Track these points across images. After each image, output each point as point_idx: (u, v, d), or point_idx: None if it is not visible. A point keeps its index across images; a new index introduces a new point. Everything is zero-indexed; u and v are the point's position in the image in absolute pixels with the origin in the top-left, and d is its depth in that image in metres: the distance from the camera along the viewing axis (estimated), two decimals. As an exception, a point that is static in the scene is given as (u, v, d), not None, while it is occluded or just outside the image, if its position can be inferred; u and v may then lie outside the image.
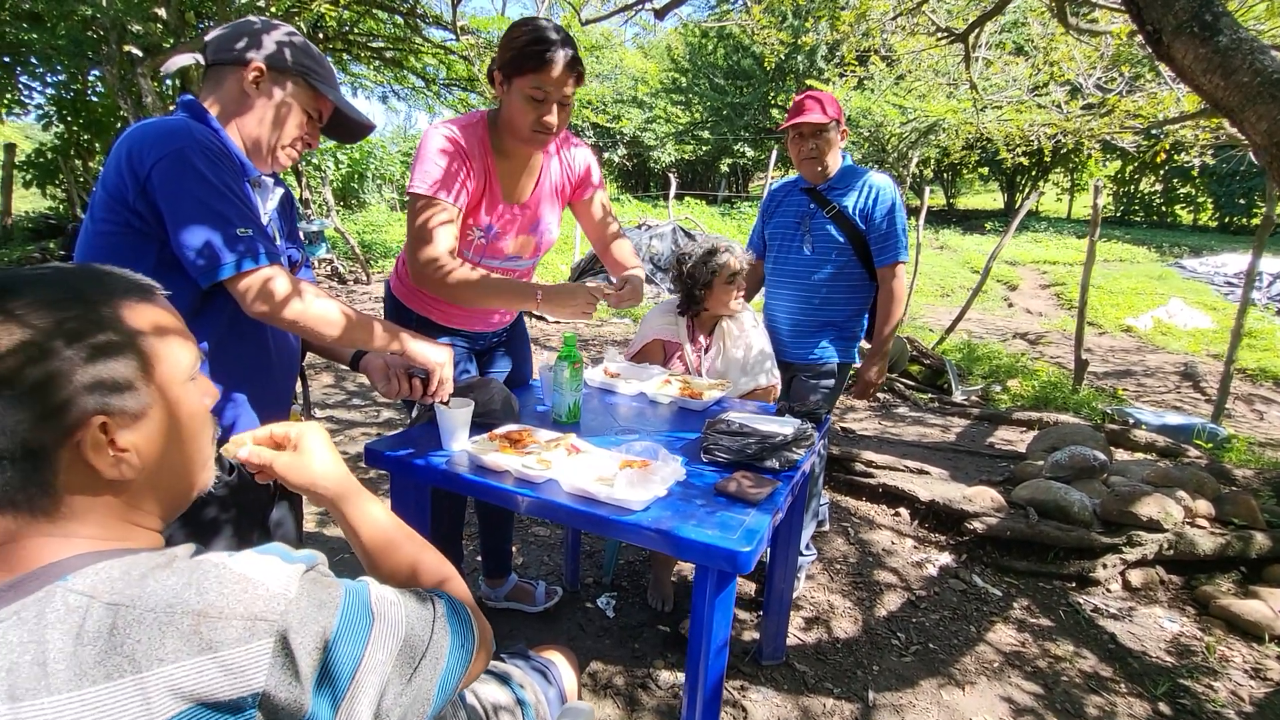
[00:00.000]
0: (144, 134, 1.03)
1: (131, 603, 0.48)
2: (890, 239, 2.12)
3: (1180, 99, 4.55)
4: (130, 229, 1.03)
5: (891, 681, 1.88)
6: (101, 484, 0.54)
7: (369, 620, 0.56)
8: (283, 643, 0.50)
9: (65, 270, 0.56)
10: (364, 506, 0.75)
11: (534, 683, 0.99)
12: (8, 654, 0.45)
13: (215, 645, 0.48)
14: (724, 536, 1.05)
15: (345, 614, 0.55)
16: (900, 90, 10.87)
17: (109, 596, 0.48)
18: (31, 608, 0.47)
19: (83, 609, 0.47)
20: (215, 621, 0.48)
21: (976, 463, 3.45)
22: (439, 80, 9.54)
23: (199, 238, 1.00)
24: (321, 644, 0.52)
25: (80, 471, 0.52)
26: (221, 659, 0.47)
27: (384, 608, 0.59)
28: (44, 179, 9.78)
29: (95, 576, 0.49)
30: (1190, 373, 6.23)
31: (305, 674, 0.51)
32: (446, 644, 0.62)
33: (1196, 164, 5.63)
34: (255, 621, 0.49)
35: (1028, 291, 11.00)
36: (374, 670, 0.55)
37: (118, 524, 0.56)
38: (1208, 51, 1.46)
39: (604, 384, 1.89)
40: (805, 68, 17.22)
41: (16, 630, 0.46)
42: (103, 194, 1.05)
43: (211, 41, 1.13)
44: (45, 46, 6.65)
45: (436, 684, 0.60)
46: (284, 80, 1.14)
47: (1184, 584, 2.44)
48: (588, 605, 2.13)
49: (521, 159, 1.58)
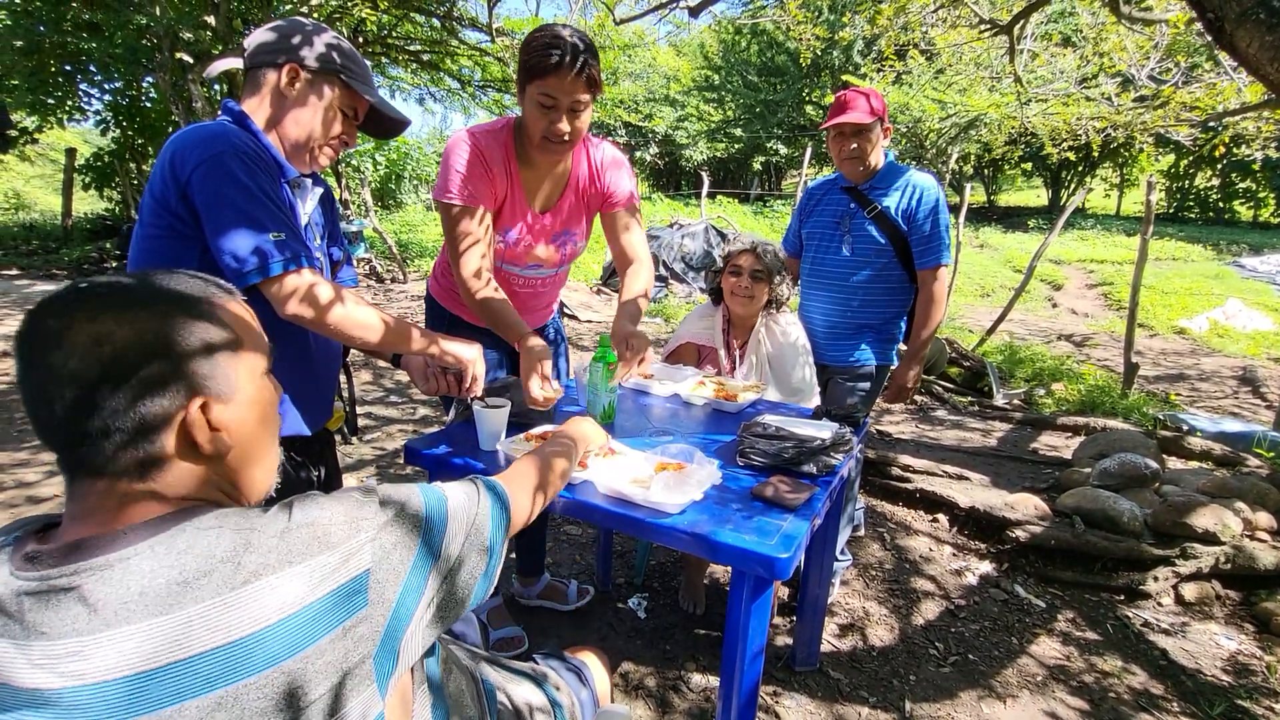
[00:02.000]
0: (186, 140, 1.06)
1: (252, 528, 0.57)
2: (933, 241, 2.07)
3: (1242, 89, 4.33)
4: (174, 233, 1.07)
5: (929, 692, 1.83)
6: (200, 458, 0.61)
7: (443, 501, 0.70)
8: (380, 531, 0.62)
9: (157, 274, 0.63)
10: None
11: (568, 684, 0.99)
12: (141, 580, 0.52)
13: (330, 544, 0.58)
14: (761, 542, 1.04)
15: (425, 500, 0.68)
16: (940, 85, 10.59)
17: (234, 526, 0.57)
18: (164, 543, 0.54)
19: (213, 535, 0.56)
20: (326, 527, 0.59)
21: (1019, 469, 3.34)
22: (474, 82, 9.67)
23: (233, 242, 1.03)
24: (412, 523, 0.65)
25: (183, 446, 0.59)
26: (338, 551, 0.58)
27: (448, 490, 0.73)
28: (101, 182, 10.24)
29: (219, 516, 0.58)
30: (1249, 377, 5.93)
31: (401, 552, 0.62)
32: (490, 505, 0.77)
33: (1259, 157, 5.36)
34: (357, 521, 0.61)
35: (1073, 291, 10.62)
36: (454, 536, 0.69)
37: (214, 492, 0.63)
38: (1275, 39, 1.38)
39: (638, 385, 1.88)
40: (841, 63, 16.92)
41: (151, 560, 0.53)
42: (149, 199, 1.09)
43: (250, 45, 1.16)
44: (103, 55, 6.94)
45: (488, 536, 0.75)
46: (319, 81, 1.16)
47: (1242, 600, 2.32)
48: (619, 606, 2.13)
49: (546, 167, 1.55)
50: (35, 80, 7.58)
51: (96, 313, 0.56)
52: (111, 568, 0.52)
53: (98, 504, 0.57)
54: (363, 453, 3.30)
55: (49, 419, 0.56)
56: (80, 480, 0.57)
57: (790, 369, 2.02)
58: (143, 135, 9.63)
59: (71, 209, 9.83)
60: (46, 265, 8.26)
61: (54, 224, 10.54)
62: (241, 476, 0.65)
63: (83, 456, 0.56)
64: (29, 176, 15.16)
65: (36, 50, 7.18)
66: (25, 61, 7.25)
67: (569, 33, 1.36)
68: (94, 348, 0.54)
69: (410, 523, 0.65)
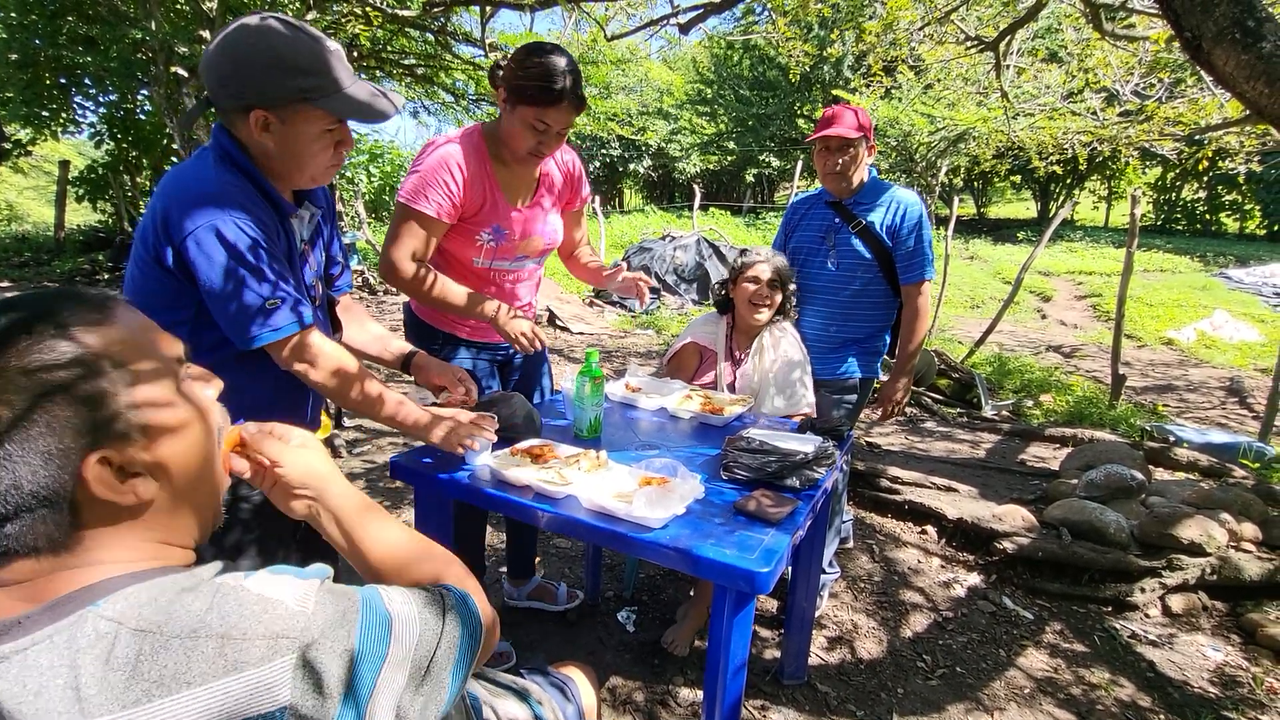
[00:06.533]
0: (179, 196, 1.04)
1: (158, 629, 0.49)
2: (917, 256, 2.10)
3: (1224, 105, 4.41)
4: (166, 286, 1.08)
5: (917, 705, 1.83)
6: (121, 512, 0.54)
7: (387, 624, 0.57)
8: (304, 658, 0.51)
9: (20, 299, 0.55)
10: (378, 522, 0.73)
11: (552, 699, 0.99)
12: (38, 677, 0.47)
13: (240, 665, 0.49)
14: (742, 556, 1.04)
15: (364, 622, 0.56)
16: (928, 99, 10.74)
17: (136, 623, 0.49)
18: (64, 632, 0.49)
19: (112, 635, 0.48)
20: (239, 643, 0.49)
21: (1007, 480, 3.36)
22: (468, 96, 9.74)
23: (231, 312, 1.06)
24: (343, 653, 0.53)
25: (96, 506, 0.53)
26: (246, 678, 0.49)
27: (397, 608, 0.60)
28: (95, 194, 10.24)
29: (125, 602, 0.50)
30: (1237, 388, 5.99)
31: (329, 686, 0.52)
32: (458, 635, 0.64)
33: (1242, 170, 5.44)
34: (277, 639, 0.51)
35: (1062, 303, 10.72)
36: (394, 671, 0.56)
37: (146, 545, 0.57)
38: (1250, 58, 1.41)
39: (625, 398, 1.89)
40: (831, 78, 17.14)
41: (48, 655, 0.48)
42: (142, 250, 1.08)
43: (206, 81, 1.08)
44: (99, 68, 6.98)
45: (450, 673, 0.62)
46: (290, 113, 1.07)
47: (1228, 611, 2.34)
48: (608, 619, 2.13)
49: (521, 169, 1.66)
50: (30, 93, 7.60)
51: None
52: (8, 660, 0.48)
53: (4, 579, 0.52)
54: (352, 466, 3.29)
55: None
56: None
57: (789, 377, 2.04)
58: (136, 148, 9.66)
59: (64, 221, 9.82)
60: (38, 277, 8.24)
61: (46, 236, 10.52)
62: (189, 503, 0.59)
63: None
64: (21, 188, 15.13)
65: (32, 63, 7.20)
66: (20, 74, 7.28)
67: (565, 63, 1.44)
68: None
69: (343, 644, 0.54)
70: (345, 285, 1.47)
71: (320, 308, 1.33)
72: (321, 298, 1.35)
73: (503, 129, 1.55)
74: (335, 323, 1.45)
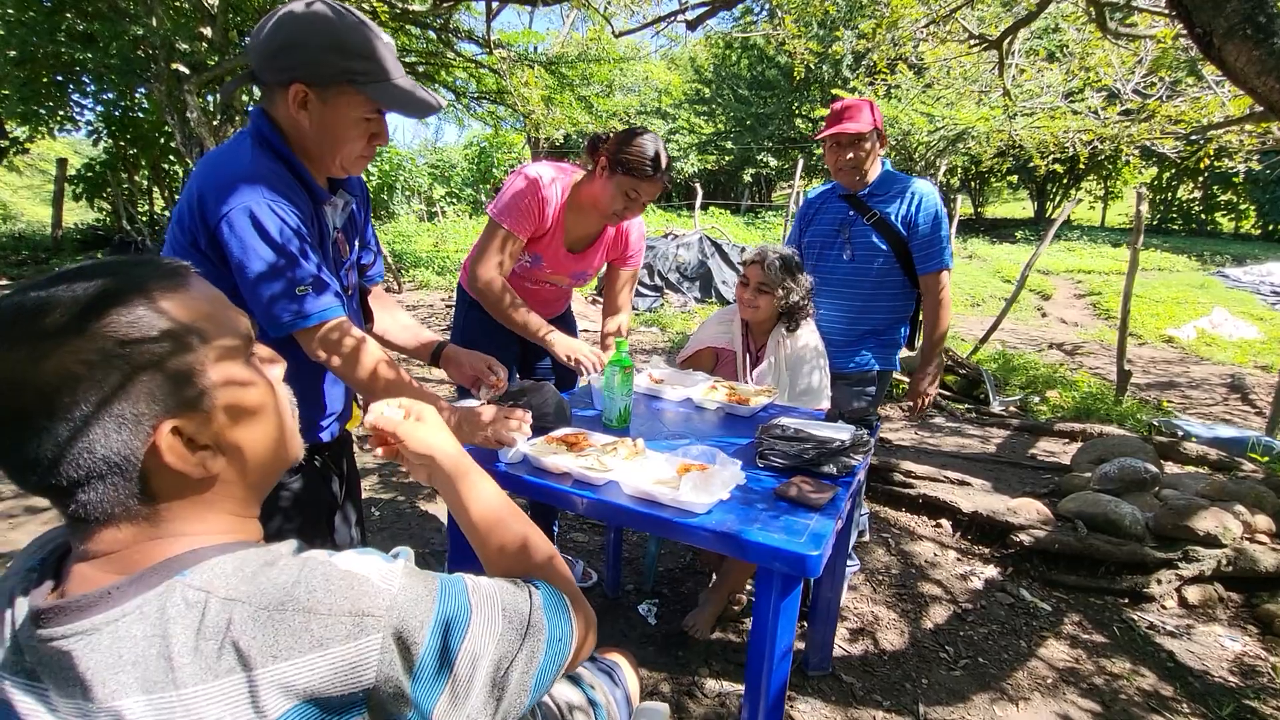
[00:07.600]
0: (215, 178, 1.03)
1: (246, 599, 0.49)
2: (935, 246, 2.10)
3: (1226, 103, 4.44)
4: (204, 268, 1.07)
5: (942, 695, 1.84)
6: (188, 485, 0.54)
7: (467, 613, 0.57)
8: (391, 639, 0.51)
9: (103, 265, 0.55)
10: (478, 482, 0.77)
11: (602, 683, 0.99)
12: (133, 647, 0.47)
13: (325, 642, 0.48)
14: (790, 540, 1.04)
15: (443, 606, 0.55)
16: (928, 98, 10.76)
17: (225, 592, 0.49)
18: (153, 602, 0.49)
19: (201, 604, 0.49)
20: (325, 619, 0.49)
21: (1019, 474, 3.37)
22: (469, 93, 9.70)
23: (264, 297, 1.04)
24: (424, 638, 0.53)
25: (166, 475, 0.53)
26: (331, 656, 0.48)
27: (480, 600, 0.59)
28: (92, 192, 10.16)
29: (211, 572, 0.50)
30: (1238, 384, 6.02)
31: (412, 668, 0.51)
32: (544, 636, 0.63)
33: (1241, 170, 5.47)
34: (363, 618, 0.50)
35: (1062, 301, 10.76)
36: (476, 661, 0.56)
37: (223, 518, 0.57)
38: (1262, 54, 1.42)
39: (649, 390, 1.89)
40: (830, 77, 17.17)
41: (140, 624, 0.48)
42: (178, 233, 1.08)
43: (253, 55, 1.07)
44: (98, 65, 6.92)
45: (534, 677, 0.60)
46: (332, 94, 1.06)
47: (1244, 602, 2.35)
48: (630, 613, 2.12)
49: (593, 221, 1.84)
50: (27, 90, 7.54)
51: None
52: (99, 631, 0.48)
53: (93, 550, 0.52)
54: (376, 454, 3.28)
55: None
56: (70, 523, 0.53)
57: (806, 372, 2.04)
58: (135, 146, 9.59)
59: (62, 219, 9.75)
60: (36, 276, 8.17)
61: (44, 234, 10.44)
62: (255, 475, 0.59)
63: (57, 503, 0.51)
64: (16, 187, 15.02)
65: (29, 60, 7.15)
66: (17, 71, 7.21)
67: (662, 148, 1.70)
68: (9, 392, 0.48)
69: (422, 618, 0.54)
70: (378, 275, 1.46)
71: (352, 297, 1.32)
72: (354, 287, 1.34)
73: (594, 189, 1.75)
74: (367, 312, 1.44)
